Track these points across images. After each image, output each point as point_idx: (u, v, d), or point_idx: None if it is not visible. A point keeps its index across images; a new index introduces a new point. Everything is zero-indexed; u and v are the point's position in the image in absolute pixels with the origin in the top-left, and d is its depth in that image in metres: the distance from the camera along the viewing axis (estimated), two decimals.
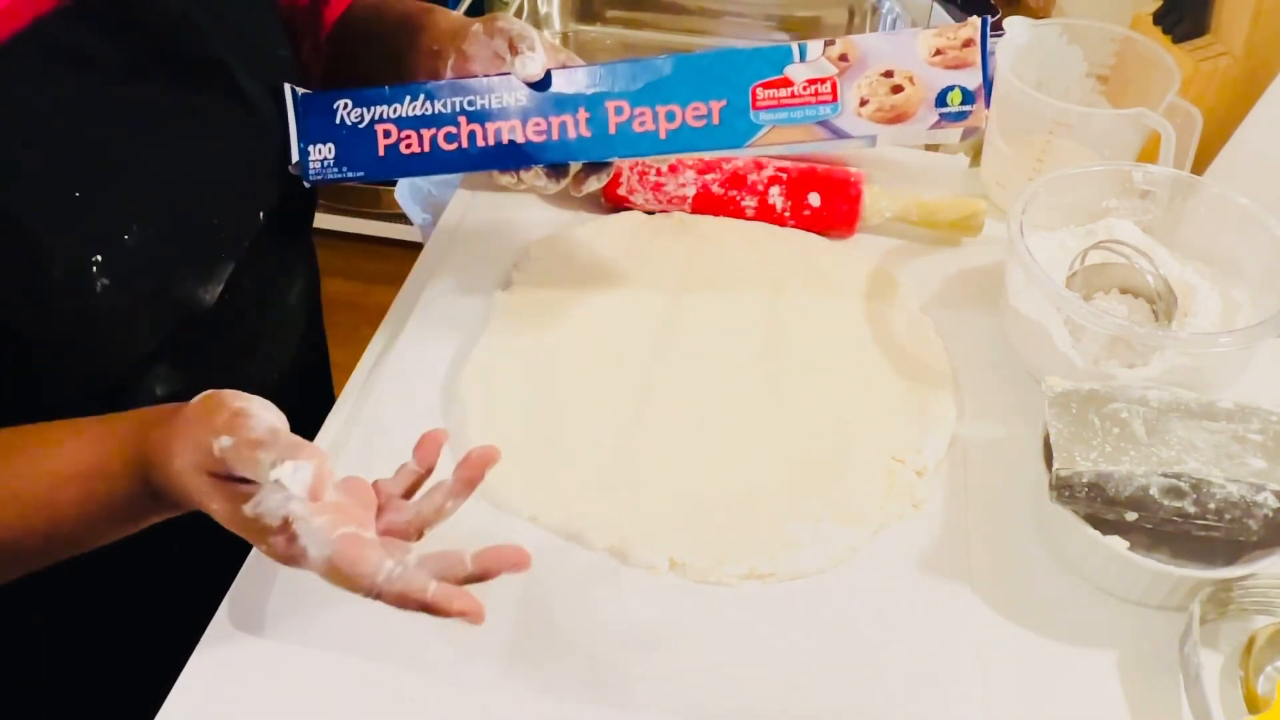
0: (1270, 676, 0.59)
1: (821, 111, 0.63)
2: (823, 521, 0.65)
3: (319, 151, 0.67)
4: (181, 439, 0.50)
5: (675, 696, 0.58)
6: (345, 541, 0.48)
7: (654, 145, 0.65)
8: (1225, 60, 0.87)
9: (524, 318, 0.78)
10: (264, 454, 0.47)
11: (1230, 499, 0.59)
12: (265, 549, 0.50)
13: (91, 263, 0.55)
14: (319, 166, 0.67)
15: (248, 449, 0.47)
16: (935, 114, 0.63)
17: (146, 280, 0.58)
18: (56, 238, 0.54)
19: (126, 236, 0.57)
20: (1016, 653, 0.61)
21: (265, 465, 0.47)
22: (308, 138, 0.67)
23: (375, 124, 0.66)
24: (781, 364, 0.75)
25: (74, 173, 0.55)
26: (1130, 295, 0.78)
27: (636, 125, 0.64)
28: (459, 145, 0.66)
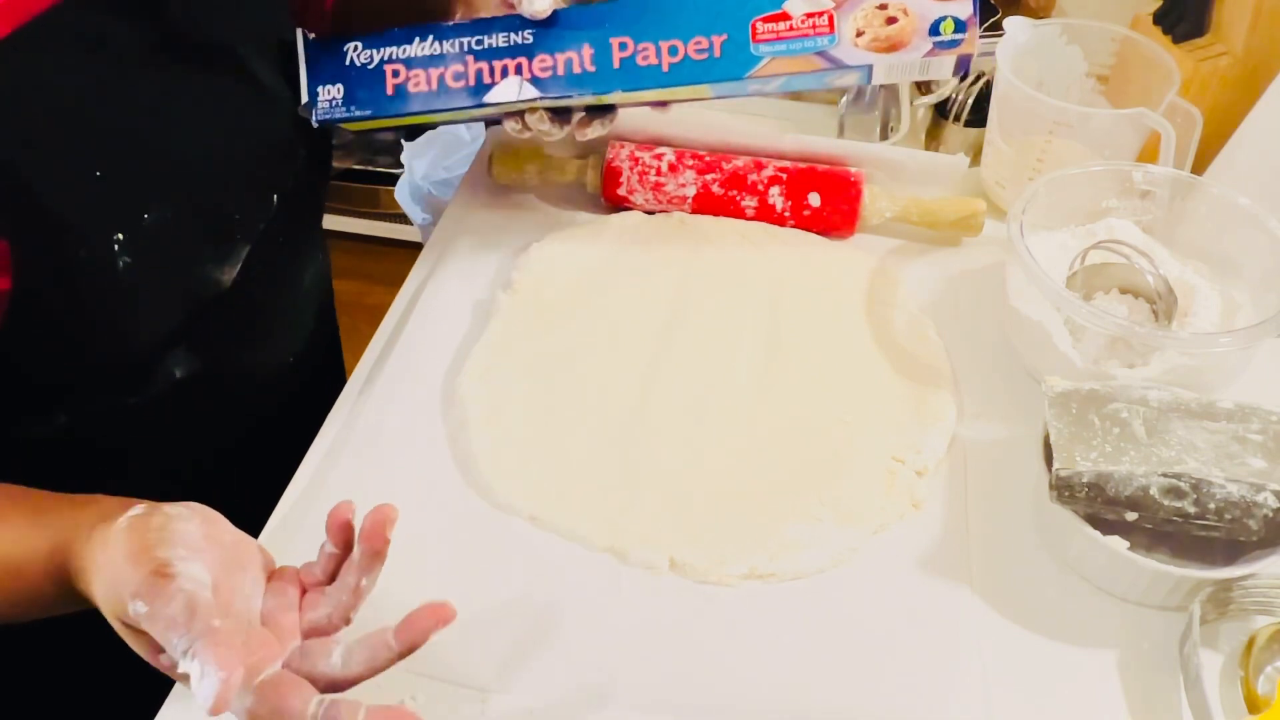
0: (1270, 676, 0.59)
1: (819, 43, 0.66)
2: (823, 521, 0.65)
3: (328, 92, 0.68)
4: (100, 576, 0.48)
5: (676, 696, 0.58)
6: (264, 690, 0.46)
7: (657, 79, 0.66)
8: (1225, 60, 0.86)
9: (524, 317, 0.78)
10: (176, 639, 0.44)
11: (1230, 499, 0.59)
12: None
13: (114, 241, 0.56)
14: (327, 106, 0.68)
15: (162, 625, 0.45)
16: (929, 42, 0.65)
17: (166, 259, 0.60)
18: (80, 217, 0.55)
19: (146, 216, 0.58)
20: (1016, 653, 0.61)
21: (177, 650, 0.44)
22: (318, 79, 0.68)
23: (384, 64, 0.68)
24: (781, 364, 0.75)
25: (94, 154, 0.56)
26: (1130, 295, 0.78)
27: (640, 60, 0.66)
28: (466, 84, 0.67)
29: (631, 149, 0.88)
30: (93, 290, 0.57)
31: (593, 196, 0.90)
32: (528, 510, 0.66)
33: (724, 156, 0.89)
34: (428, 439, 0.71)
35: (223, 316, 0.67)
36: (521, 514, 0.66)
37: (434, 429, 0.72)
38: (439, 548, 0.65)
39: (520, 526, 0.66)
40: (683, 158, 0.88)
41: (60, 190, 0.54)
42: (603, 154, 0.89)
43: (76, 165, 0.55)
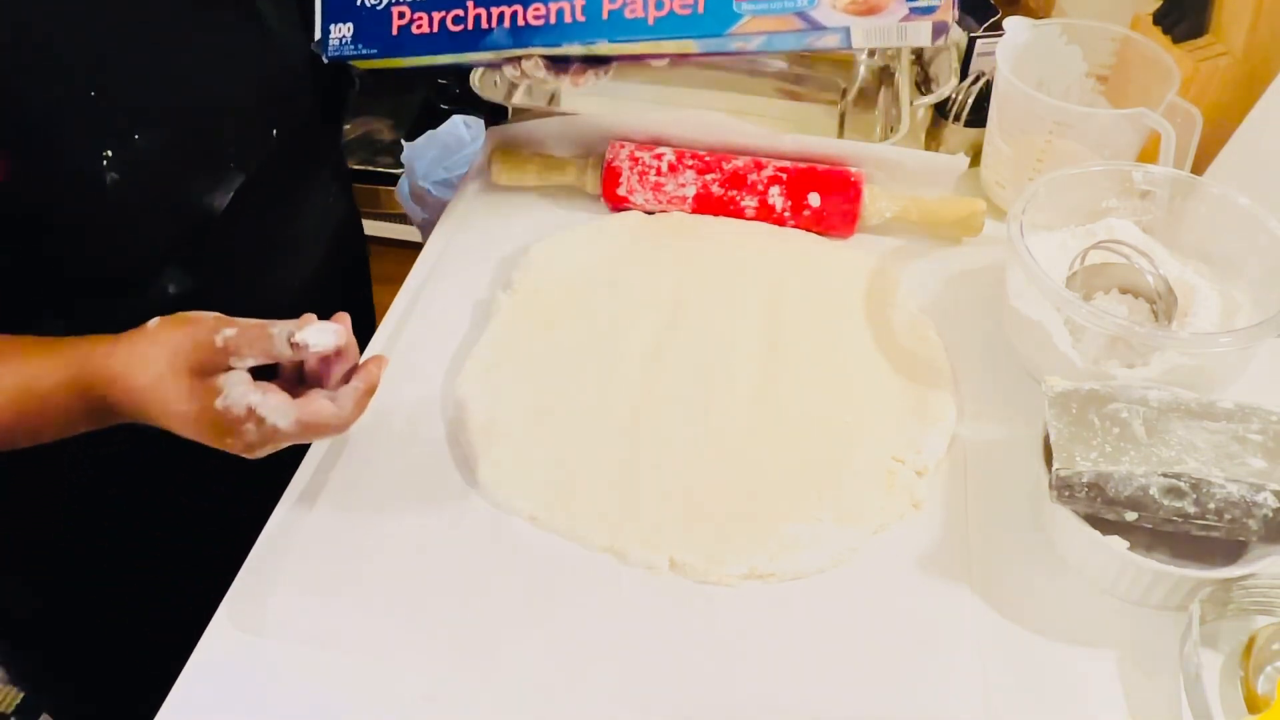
0: (1270, 676, 0.59)
1: (799, 3, 0.68)
2: (823, 521, 0.65)
3: (339, 30, 0.73)
4: (152, 348, 0.54)
5: (676, 696, 0.58)
6: (303, 402, 0.55)
7: (643, 30, 0.70)
8: (1225, 60, 0.86)
9: (524, 317, 0.78)
10: (275, 329, 0.54)
11: (1230, 499, 0.59)
12: (236, 443, 0.55)
13: (102, 157, 0.59)
14: (338, 43, 0.73)
15: (255, 329, 0.54)
16: (905, 7, 0.67)
17: (154, 180, 0.62)
18: (73, 131, 0.58)
19: (136, 136, 0.60)
20: (1016, 653, 0.61)
21: (281, 337, 0.54)
22: (329, 17, 0.73)
23: (392, 6, 0.72)
24: (781, 364, 0.75)
25: (90, 72, 0.59)
26: (1130, 295, 0.78)
27: (628, 12, 0.70)
28: (465, 27, 0.71)
29: (631, 149, 0.88)
30: (81, 201, 0.60)
31: (593, 197, 0.90)
32: (528, 510, 0.66)
33: (724, 156, 0.89)
34: (428, 439, 0.71)
35: (216, 241, 0.69)
36: (521, 514, 0.66)
37: (434, 429, 0.72)
38: (439, 548, 0.65)
39: (520, 526, 0.66)
40: (683, 158, 0.88)
41: (53, 104, 0.57)
42: (603, 154, 0.89)
43: (71, 82, 0.58)
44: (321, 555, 0.64)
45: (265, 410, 0.54)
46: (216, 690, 0.58)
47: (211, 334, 0.54)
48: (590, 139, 0.91)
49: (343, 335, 0.55)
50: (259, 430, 0.54)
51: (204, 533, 0.75)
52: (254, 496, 0.68)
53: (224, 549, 0.65)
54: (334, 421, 0.56)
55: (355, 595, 0.62)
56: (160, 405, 0.54)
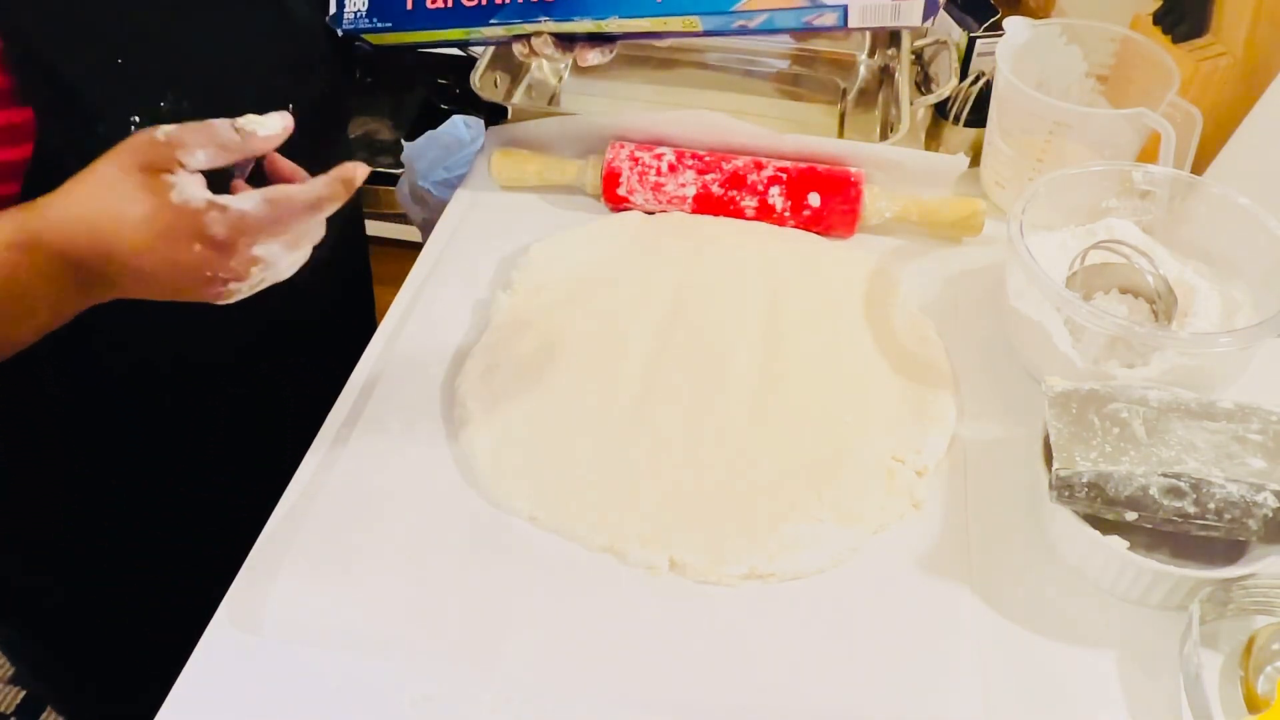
0: (1270, 676, 0.59)
1: None
2: (823, 521, 0.65)
3: (353, 4, 0.74)
4: (95, 166, 0.51)
5: (675, 696, 0.58)
6: (269, 166, 0.55)
7: (651, 7, 0.71)
8: (1225, 60, 0.86)
9: (524, 317, 0.78)
10: (217, 122, 0.52)
11: (1230, 499, 0.59)
12: (204, 250, 0.51)
13: (130, 122, 0.60)
14: (352, 17, 0.74)
15: (196, 124, 0.51)
16: None
17: None
18: (102, 98, 0.59)
19: (163, 104, 0.61)
20: (1016, 653, 0.61)
21: (225, 124, 0.52)
22: None
23: None
24: (781, 364, 0.75)
25: (118, 42, 0.60)
26: (1130, 295, 0.78)
27: None
28: (479, 2, 0.73)
29: (631, 149, 0.88)
30: None
31: (593, 197, 0.90)
32: (528, 510, 0.66)
33: (724, 156, 0.89)
34: (428, 439, 0.71)
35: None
36: (521, 514, 0.66)
37: (434, 429, 0.72)
38: (439, 548, 0.65)
39: (520, 526, 0.66)
40: (683, 158, 0.88)
41: (84, 70, 0.58)
42: (603, 154, 0.89)
43: (101, 49, 0.59)
44: (322, 555, 0.64)
45: (226, 198, 0.51)
46: (216, 690, 0.58)
47: (150, 132, 0.51)
48: (590, 139, 0.91)
49: (288, 119, 0.54)
50: (224, 219, 0.51)
51: (204, 532, 0.75)
52: (254, 496, 0.68)
53: (224, 548, 0.65)
54: (302, 195, 0.53)
55: (355, 595, 0.62)
56: (115, 220, 0.50)
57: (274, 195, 0.52)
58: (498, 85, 0.97)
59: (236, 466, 0.77)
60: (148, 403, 0.73)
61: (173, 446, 0.76)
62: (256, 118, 0.53)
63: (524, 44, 0.75)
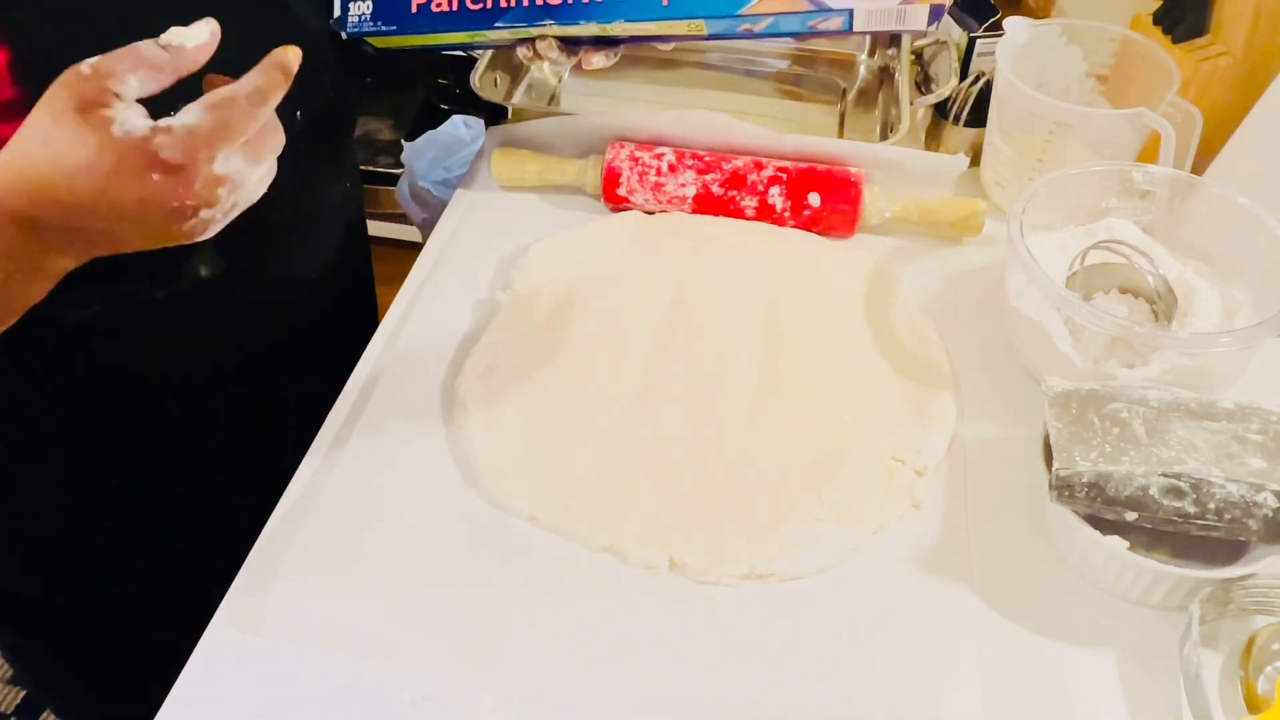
0: (1270, 676, 0.59)
1: None
2: (823, 521, 0.65)
3: (358, 7, 0.74)
4: (26, 121, 0.48)
5: (675, 696, 0.58)
6: (207, 91, 0.51)
7: (658, 10, 0.72)
8: (1225, 60, 0.87)
9: (524, 318, 0.78)
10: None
11: (1230, 499, 0.59)
12: (162, 174, 0.49)
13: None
14: (357, 20, 0.74)
15: (121, 50, 0.48)
16: None
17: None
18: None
19: (173, 112, 0.60)
20: (1016, 653, 0.61)
21: (149, 44, 0.49)
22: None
23: None
24: (781, 364, 0.75)
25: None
26: (1130, 295, 0.78)
27: None
28: (483, 6, 0.73)
29: (631, 149, 0.88)
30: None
31: (593, 196, 0.90)
32: (528, 510, 0.66)
33: (724, 156, 0.89)
34: (428, 439, 0.71)
35: (245, 221, 0.68)
36: (521, 514, 0.66)
37: (434, 429, 0.72)
38: (439, 548, 0.65)
39: (520, 526, 0.66)
40: (683, 158, 0.88)
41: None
42: (603, 154, 0.89)
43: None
44: (321, 555, 0.64)
45: (168, 120, 0.49)
46: (216, 690, 0.58)
47: (77, 68, 0.48)
48: (590, 139, 0.91)
49: (214, 24, 0.51)
50: (172, 140, 0.48)
51: (204, 532, 0.75)
52: (254, 496, 0.68)
53: (224, 548, 0.65)
54: (241, 89, 0.51)
55: (355, 595, 0.62)
56: (56, 165, 0.47)
57: (213, 99, 0.50)
58: (498, 85, 0.97)
59: (236, 466, 0.77)
60: (148, 403, 0.73)
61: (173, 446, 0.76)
62: (181, 29, 0.50)
63: (528, 47, 0.75)
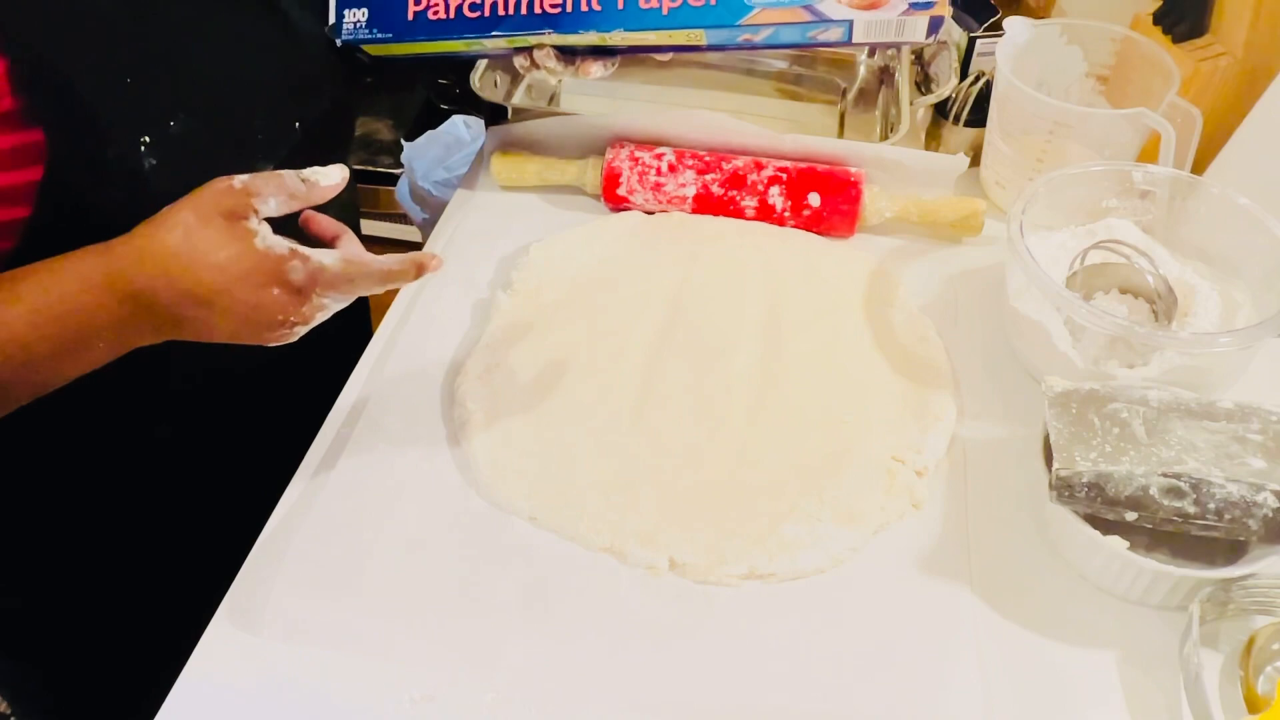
0: (1270, 676, 0.59)
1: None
2: (823, 521, 0.65)
3: (353, 15, 0.74)
4: (174, 213, 0.53)
5: (675, 696, 0.58)
6: (341, 242, 0.59)
7: (657, 20, 0.71)
8: (1225, 60, 0.86)
9: (524, 317, 0.78)
10: (285, 173, 0.55)
11: (1230, 499, 0.59)
12: (282, 294, 0.54)
13: (141, 142, 0.60)
14: (352, 27, 0.74)
15: (267, 173, 0.55)
16: (905, 3, 0.70)
17: (190, 166, 0.61)
18: (112, 117, 0.59)
19: (172, 123, 0.62)
20: (1016, 653, 0.61)
21: (293, 174, 0.55)
22: (345, 2, 0.74)
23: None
24: (781, 364, 0.75)
25: (127, 62, 0.60)
26: (1130, 295, 0.78)
27: (643, 2, 0.71)
28: (481, 14, 0.72)
29: (631, 149, 0.88)
30: (120, 188, 0.60)
31: (593, 197, 0.90)
32: (528, 510, 0.66)
33: (724, 156, 0.89)
34: (428, 439, 0.71)
35: None
36: (521, 514, 0.66)
37: (434, 429, 0.72)
38: (439, 548, 0.65)
39: (520, 526, 0.66)
40: (683, 158, 0.88)
41: (94, 90, 0.58)
42: (603, 154, 0.89)
43: (110, 70, 0.59)
44: (321, 555, 0.64)
45: (307, 250, 0.55)
46: (216, 690, 0.58)
47: (227, 181, 0.54)
48: (590, 139, 0.91)
49: (345, 170, 0.57)
50: (305, 268, 0.54)
51: (204, 532, 0.75)
52: (254, 496, 0.68)
53: (224, 548, 0.65)
54: (378, 265, 0.57)
55: (355, 595, 0.62)
56: (199, 263, 0.52)
57: (353, 258, 0.57)
58: (498, 85, 0.97)
59: (237, 466, 0.77)
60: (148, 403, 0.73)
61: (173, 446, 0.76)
62: (320, 169, 0.56)
63: (526, 56, 0.74)
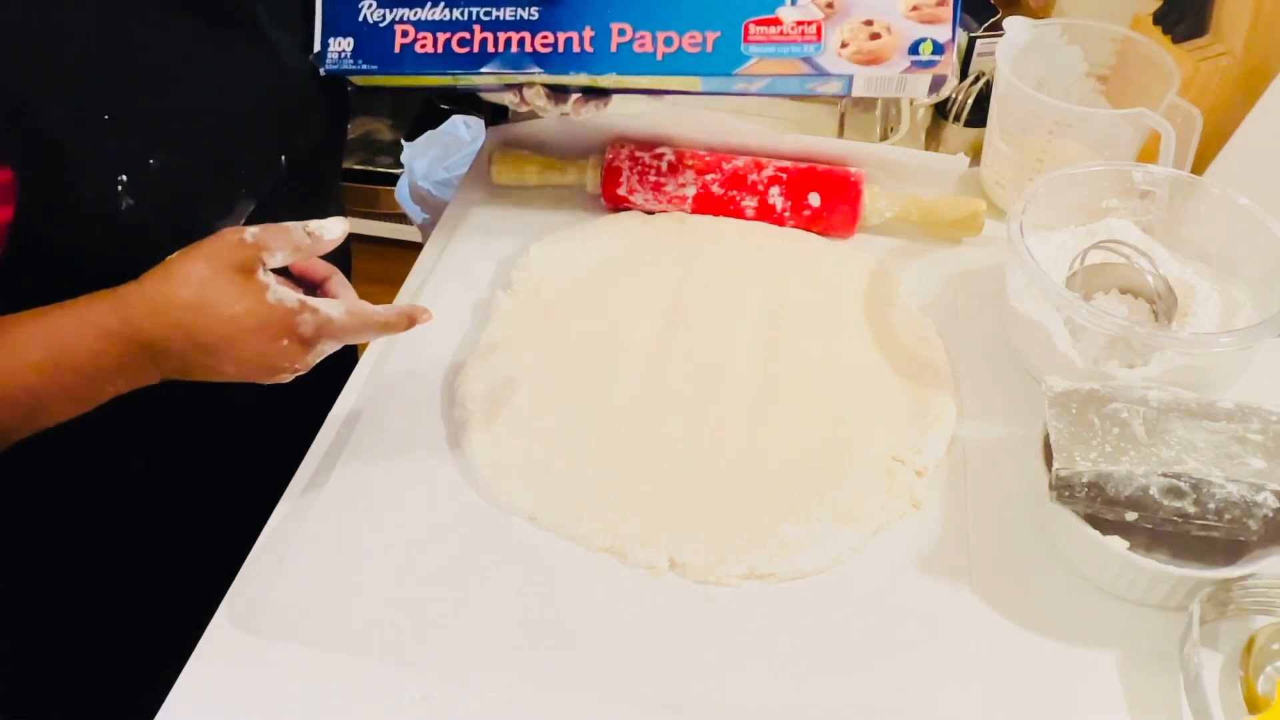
0: (1270, 676, 0.59)
1: (806, 49, 0.69)
2: (823, 521, 0.65)
3: (339, 44, 0.72)
4: (186, 264, 0.54)
5: (675, 696, 0.58)
6: (332, 284, 0.61)
7: (651, 66, 0.70)
8: (1225, 60, 0.86)
9: (524, 317, 0.78)
10: (292, 226, 0.56)
11: (1230, 499, 0.59)
12: (291, 345, 0.56)
13: (117, 182, 0.58)
14: (336, 57, 0.72)
15: (273, 226, 0.56)
16: (908, 60, 0.69)
17: (168, 205, 0.61)
18: (87, 156, 0.57)
19: (151, 161, 0.60)
20: (1016, 653, 0.61)
21: (298, 228, 0.56)
22: (330, 31, 0.72)
23: (395, 24, 0.71)
24: (781, 364, 0.75)
25: (105, 97, 0.58)
26: (1130, 295, 0.78)
27: (636, 46, 0.69)
28: (470, 50, 0.71)
29: (631, 149, 0.88)
30: (94, 228, 0.59)
31: (593, 196, 0.90)
32: (528, 510, 0.66)
33: (724, 156, 0.89)
34: (428, 439, 0.71)
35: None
36: (521, 514, 0.66)
37: (434, 429, 0.72)
38: (439, 548, 0.65)
39: (520, 526, 0.66)
40: (683, 158, 0.88)
41: (68, 127, 0.56)
42: (603, 154, 0.89)
43: (86, 106, 0.57)
44: (321, 555, 0.64)
45: (315, 301, 0.56)
46: (216, 690, 0.58)
47: (238, 234, 0.55)
48: (590, 139, 0.91)
49: (346, 224, 0.59)
50: (314, 320, 0.56)
51: (204, 532, 0.75)
52: (254, 497, 0.68)
53: (224, 549, 0.65)
54: (377, 317, 0.59)
55: (355, 595, 0.62)
56: (211, 315, 0.54)
57: (355, 310, 0.58)
58: None
59: (237, 466, 0.77)
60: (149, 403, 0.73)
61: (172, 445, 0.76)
62: (321, 222, 0.58)
63: (516, 93, 0.73)
